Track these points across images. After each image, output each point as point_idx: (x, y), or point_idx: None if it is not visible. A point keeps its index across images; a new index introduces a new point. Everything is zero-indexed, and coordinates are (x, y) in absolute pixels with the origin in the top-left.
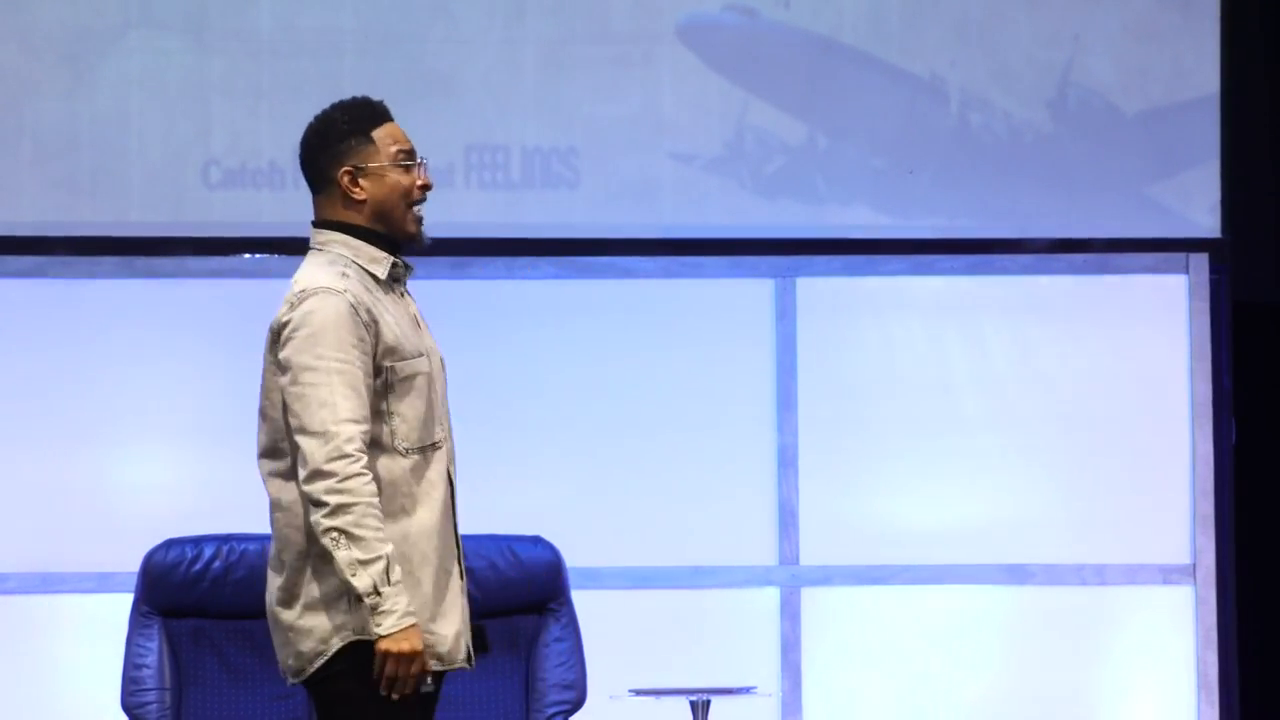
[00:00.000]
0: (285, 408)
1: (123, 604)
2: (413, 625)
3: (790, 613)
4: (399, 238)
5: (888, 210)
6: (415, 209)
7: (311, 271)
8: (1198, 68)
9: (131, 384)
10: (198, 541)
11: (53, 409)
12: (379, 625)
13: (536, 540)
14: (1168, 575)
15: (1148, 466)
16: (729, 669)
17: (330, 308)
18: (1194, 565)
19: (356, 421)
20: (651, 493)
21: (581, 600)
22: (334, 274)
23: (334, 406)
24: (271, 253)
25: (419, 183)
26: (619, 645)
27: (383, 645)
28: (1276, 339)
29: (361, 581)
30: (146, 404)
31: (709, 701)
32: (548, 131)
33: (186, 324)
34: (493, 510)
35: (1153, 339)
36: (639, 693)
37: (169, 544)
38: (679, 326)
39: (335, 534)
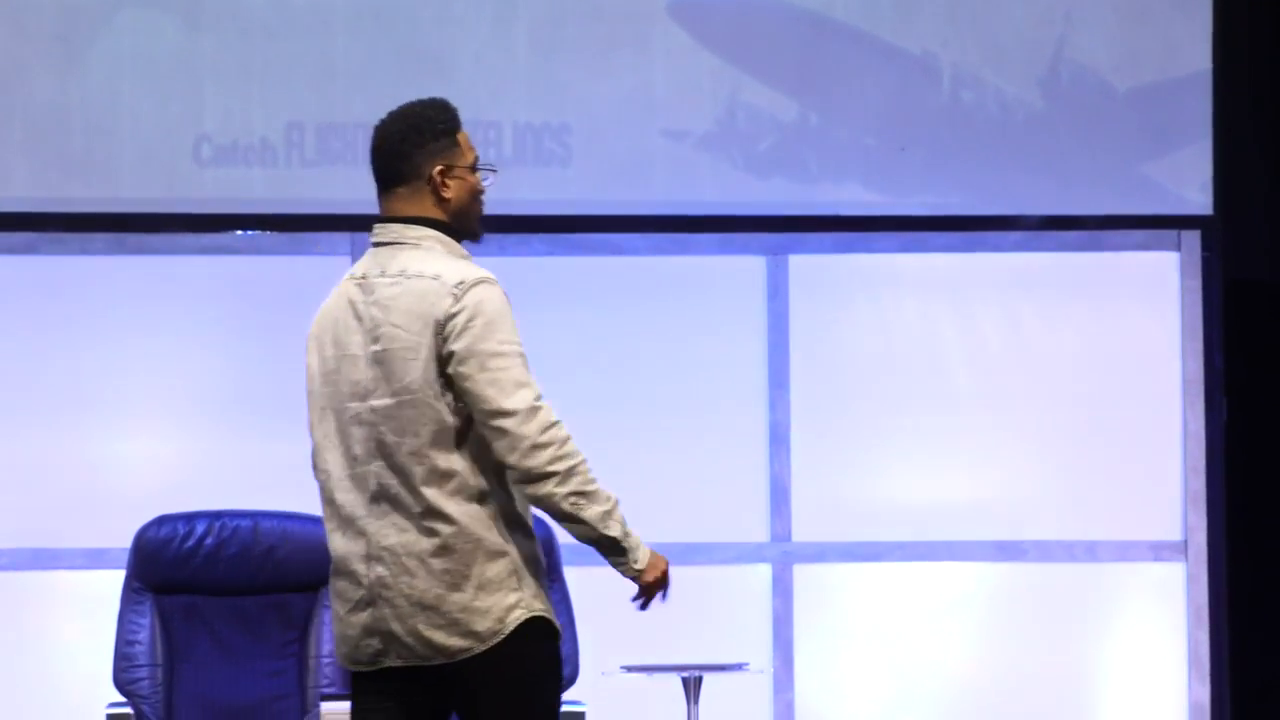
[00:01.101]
0: (462, 395)
1: (114, 580)
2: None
3: (782, 589)
4: (469, 236)
5: (879, 188)
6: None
7: (448, 263)
8: (1189, 45)
9: (123, 361)
10: (190, 518)
11: (44, 386)
12: (637, 561)
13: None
14: (1159, 552)
15: (1139, 444)
16: (721, 645)
17: (496, 296)
18: (1185, 542)
19: (542, 397)
20: (643, 470)
21: (573, 577)
22: (472, 265)
23: (530, 385)
24: (263, 229)
25: (481, 188)
26: (611, 622)
27: (649, 577)
28: (1267, 316)
29: (614, 529)
30: (138, 381)
31: (701, 678)
32: (540, 109)
33: (178, 301)
34: None
35: (1144, 316)
36: (631, 669)
37: (161, 520)
38: (671, 304)
39: (574, 497)
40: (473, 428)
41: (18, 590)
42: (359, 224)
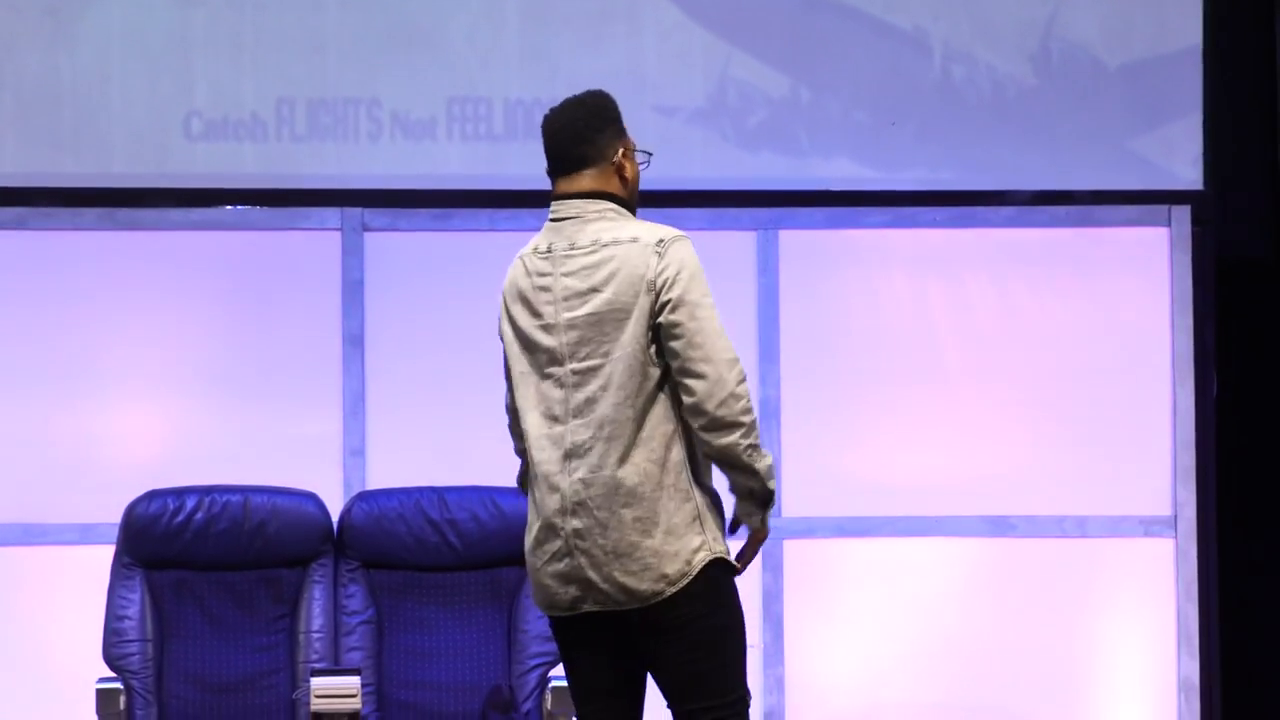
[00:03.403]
0: (668, 341)
1: (104, 556)
2: None
3: (772, 565)
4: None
5: (870, 163)
6: None
7: (637, 226)
8: (1180, 20)
9: (113, 335)
10: (180, 493)
11: (34, 360)
12: (766, 521)
13: (519, 492)
14: (1149, 527)
15: (1130, 419)
16: None
17: (692, 251)
18: (1175, 518)
19: None
20: None
21: None
22: (658, 224)
23: (727, 335)
24: (253, 204)
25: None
26: None
27: (764, 535)
28: (1258, 292)
29: (773, 484)
30: (128, 355)
31: None
32: (530, 83)
33: (168, 275)
34: (475, 462)
35: (1135, 292)
36: None
37: (151, 495)
38: None
39: (750, 450)
40: (667, 381)
41: (7, 565)
42: (349, 199)
